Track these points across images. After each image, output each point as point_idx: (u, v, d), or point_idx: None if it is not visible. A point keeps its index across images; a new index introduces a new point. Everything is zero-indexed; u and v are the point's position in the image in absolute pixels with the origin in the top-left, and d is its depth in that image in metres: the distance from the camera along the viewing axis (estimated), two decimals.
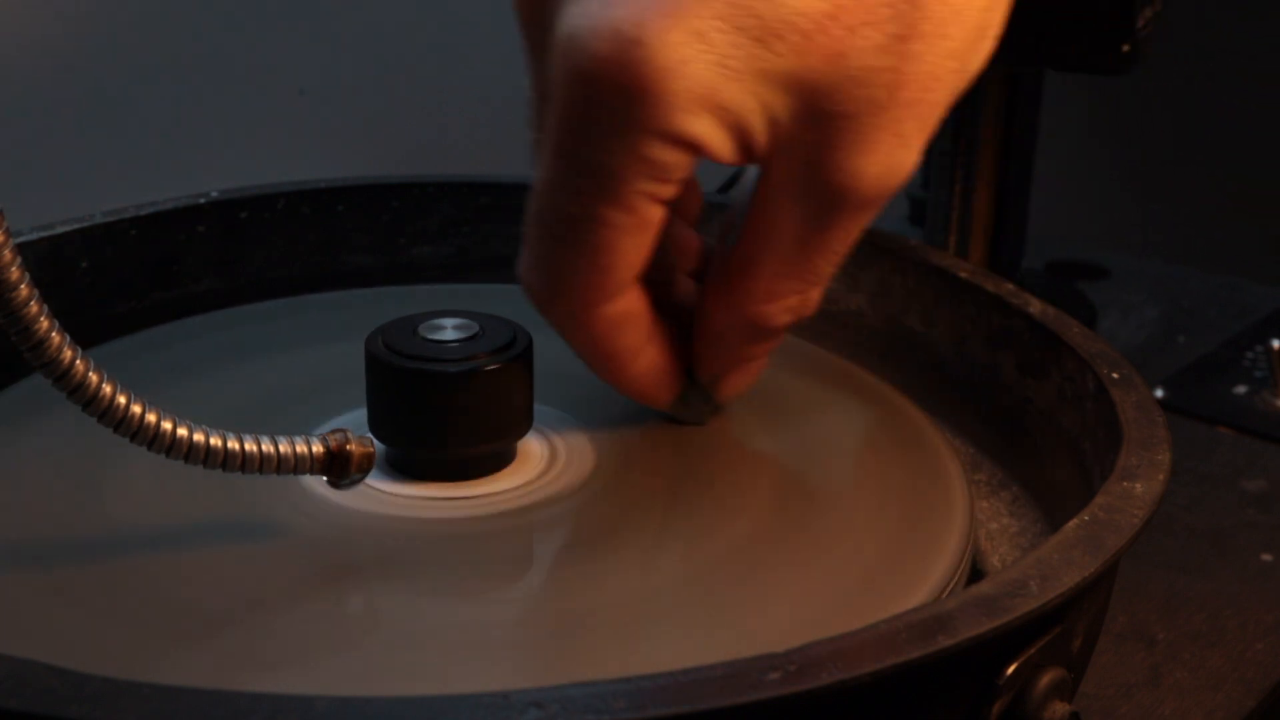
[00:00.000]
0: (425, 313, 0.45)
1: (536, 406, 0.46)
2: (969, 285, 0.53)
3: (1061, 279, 0.82)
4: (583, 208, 0.41)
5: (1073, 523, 0.38)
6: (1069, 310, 0.51)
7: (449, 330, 0.45)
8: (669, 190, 0.41)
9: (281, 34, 0.74)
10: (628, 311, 0.44)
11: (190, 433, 0.38)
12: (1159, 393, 0.69)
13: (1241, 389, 0.69)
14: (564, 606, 0.40)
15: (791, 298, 0.44)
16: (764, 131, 0.40)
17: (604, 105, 0.39)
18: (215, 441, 0.39)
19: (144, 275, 0.57)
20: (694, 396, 0.47)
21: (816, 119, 0.40)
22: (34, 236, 0.54)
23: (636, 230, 0.41)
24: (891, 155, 0.40)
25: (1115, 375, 0.46)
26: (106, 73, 0.68)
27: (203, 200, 0.58)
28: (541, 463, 0.46)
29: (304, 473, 0.40)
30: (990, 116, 0.67)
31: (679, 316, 0.47)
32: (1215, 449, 0.64)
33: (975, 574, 0.46)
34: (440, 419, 0.44)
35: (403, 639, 0.39)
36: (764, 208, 0.42)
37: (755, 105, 0.39)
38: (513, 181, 0.62)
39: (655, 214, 0.41)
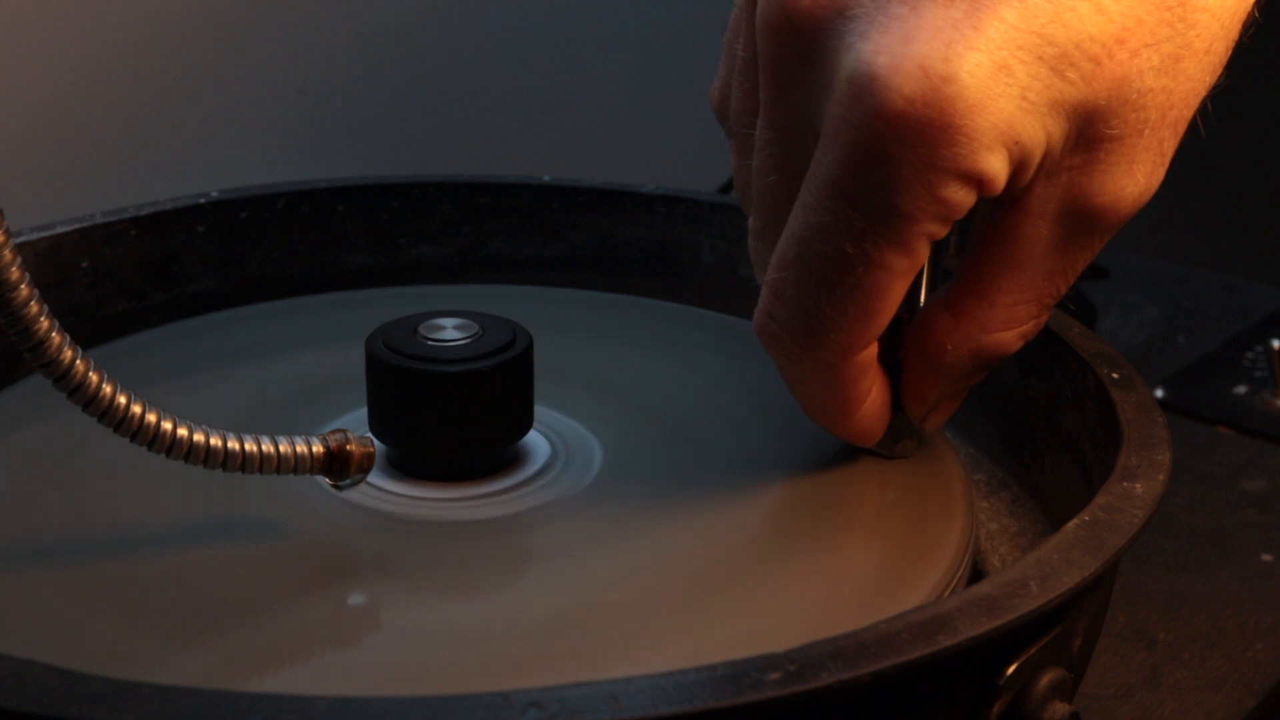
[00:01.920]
0: (425, 313, 0.45)
1: (537, 406, 0.46)
2: None
3: None
4: (862, 251, 0.39)
5: (1073, 523, 0.38)
6: (1069, 310, 0.51)
7: (449, 330, 0.45)
8: (946, 229, 0.39)
9: (281, 34, 0.74)
10: (871, 356, 0.42)
11: (190, 433, 0.38)
12: (1159, 393, 0.69)
13: (1241, 389, 0.69)
14: (564, 607, 0.40)
15: (1028, 323, 0.43)
16: (1038, 161, 0.39)
17: (907, 145, 0.37)
18: (215, 441, 0.39)
19: (144, 275, 0.57)
20: (902, 430, 0.46)
21: (1087, 144, 0.39)
22: (34, 236, 0.54)
23: (909, 272, 0.40)
24: (1152, 174, 0.40)
25: (1115, 375, 0.46)
26: (106, 72, 0.68)
27: (203, 200, 0.58)
28: (542, 463, 0.46)
29: (304, 473, 0.40)
30: None
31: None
32: (1215, 449, 0.64)
33: (975, 574, 0.46)
34: (440, 419, 0.44)
35: (403, 639, 0.39)
36: (1014, 235, 0.41)
37: (1043, 137, 0.38)
38: (513, 181, 0.62)
39: (926, 254, 0.40)
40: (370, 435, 0.44)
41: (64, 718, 0.30)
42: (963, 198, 0.38)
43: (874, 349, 0.42)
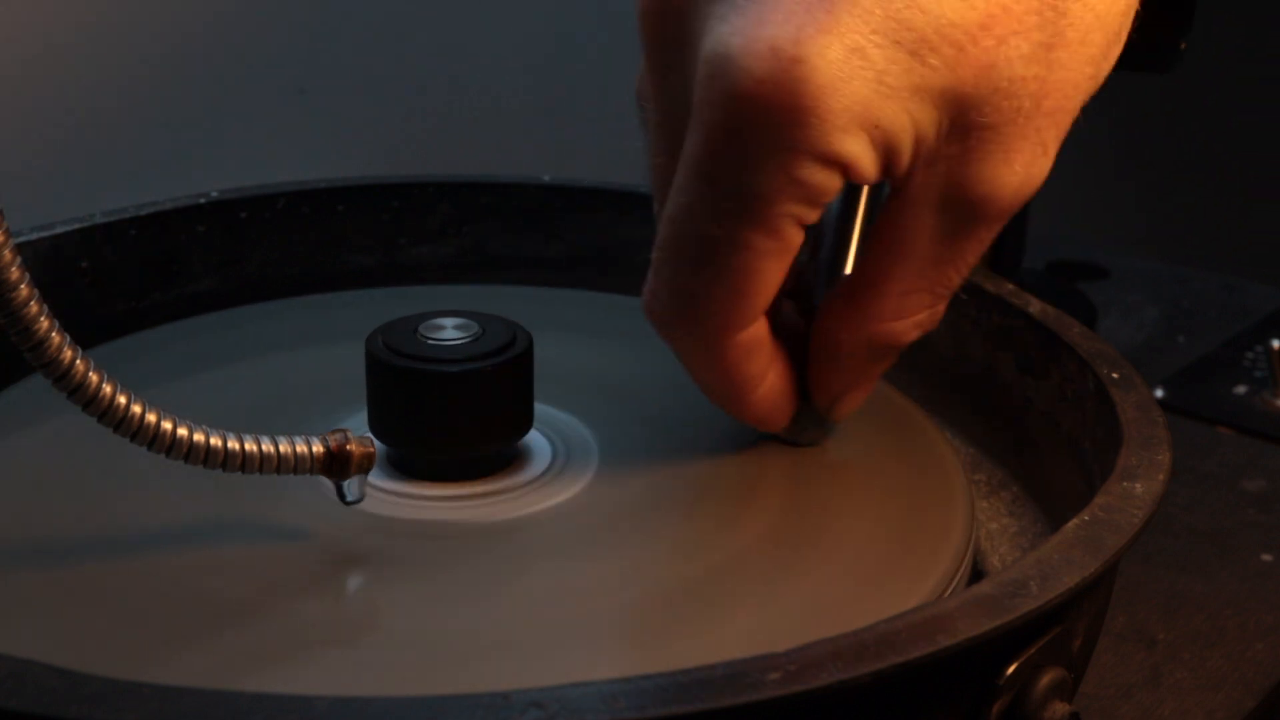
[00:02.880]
0: (425, 313, 0.45)
1: (537, 406, 0.46)
2: (969, 285, 0.53)
3: (1061, 279, 0.82)
4: (726, 231, 0.39)
5: (1073, 523, 0.38)
6: (1069, 310, 0.51)
7: (449, 330, 0.45)
8: (815, 213, 0.39)
9: (281, 34, 0.74)
10: (757, 337, 0.43)
11: (190, 433, 0.38)
12: (1159, 393, 0.69)
13: (1241, 389, 0.69)
14: (564, 607, 0.40)
15: (921, 313, 0.43)
16: (910, 148, 0.39)
17: (758, 126, 0.37)
18: (215, 441, 0.39)
19: (144, 275, 0.57)
20: (808, 418, 0.46)
21: (961, 132, 0.39)
22: (34, 236, 0.54)
23: (779, 254, 0.40)
24: (1032, 164, 0.40)
25: (1115, 375, 0.46)
26: (106, 72, 0.68)
27: (203, 200, 0.58)
28: (542, 463, 0.46)
29: (304, 473, 0.40)
30: None
31: (785, 338, 0.46)
32: (1215, 449, 0.64)
33: (975, 574, 0.46)
34: (440, 419, 0.44)
35: (403, 639, 0.39)
36: (898, 223, 0.41)
37: (907, 122, 0.38)
38: (513, 181, 0.62)
39: (797, 237, 0.40)
40: (370, 435, 0.44)
41: (64, 718, 0.30)
42: (822, 180, 0.38)
43: (762, 331, 0.43)
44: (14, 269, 0.35)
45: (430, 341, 0.44)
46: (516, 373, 0.45)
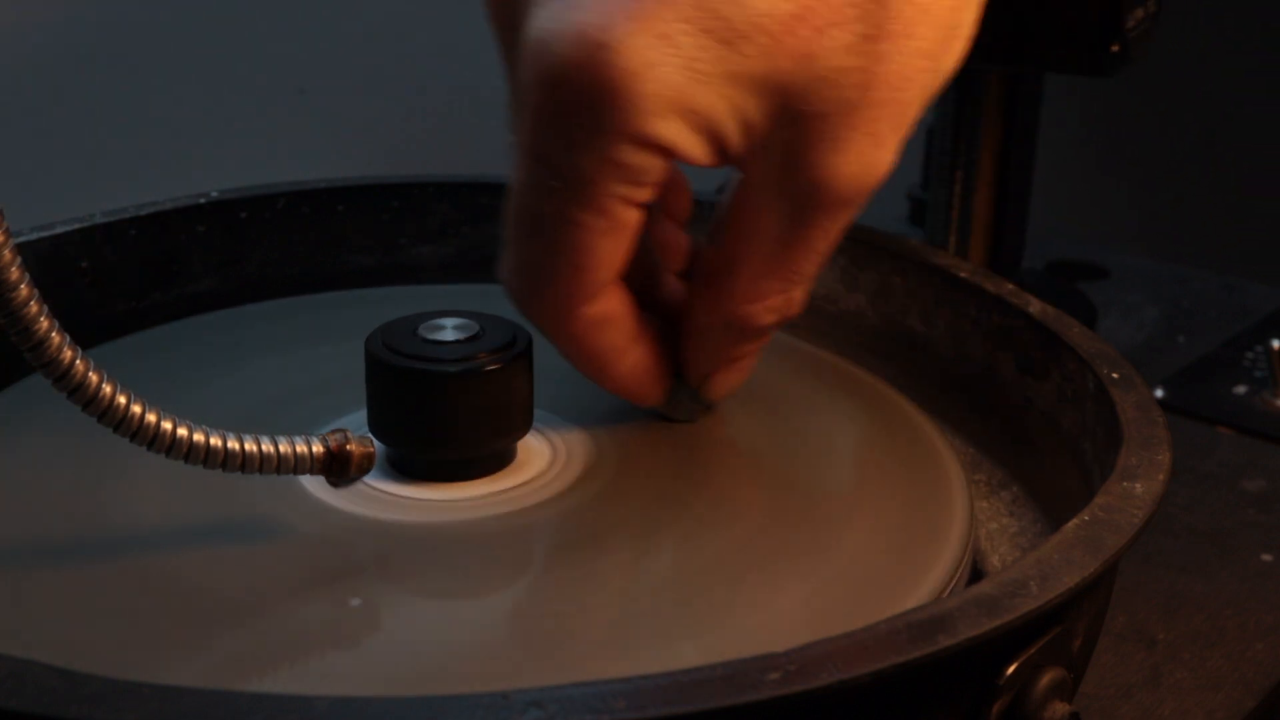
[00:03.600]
0: (425, 313, 0.45)
1: (536, 406, 0.46)
2: (969, 285, 0.53)
3: (1061, 279, 0.82)
4: (556, 209, 0.41)
5: (1073, 523, 0.38)
6: (1069, 310, 0.51)
7: (449, 330, 0.45)
8: (644, 193, 0.41)
9: (281, 34, 0.74)
10: (608, 312, 0.44)
11: (190, 433, 0.38)
12: (1159, 393, 0.69)
13: (1241, 389, 0.69)
14: (564, 606, 0.40)
15: (774, 298, 0.44)
16: (738, 133, 0.40)
17: (572, 108, 0.39)
18: (215, 441, 0.39)
19: (144, 275, 0.57)
20: (683, 395, 0.48)
21: (790, 119, 0.40)
22: (34, 236, 0.54)
23: (611, 232, 0.41)
24: (866, 154, 0.41)
25: (1115, 375, 0.46)
26: (107, 72, 0.68)
27: (203, 200, 0.58)
28: (541, 463, 0.46)
29: (304, 473, 0.40)
30: (990, 116, 0.67)
31: (668, 316, 0.47)
32: (1215, 449, 0.64)
33: (975, 574, 0.46)
34: (440, 419, 0.44)
35: (403, 639, 0.39)
36: (743, 208, 0.43)
37: (726, 108, 0.39)
38: None
39: (630, 216, 0.41)
40: (370, 435, 0.44)
41: (64, 718, 0.30)
42: (643, 161, 0.40)
43: (614, 306, 0.44)
44: (14, 269, 0.35)
45: (430, 341, 0.44)
46: (516, 373, 0.45)
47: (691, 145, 0.40)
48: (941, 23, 0.40)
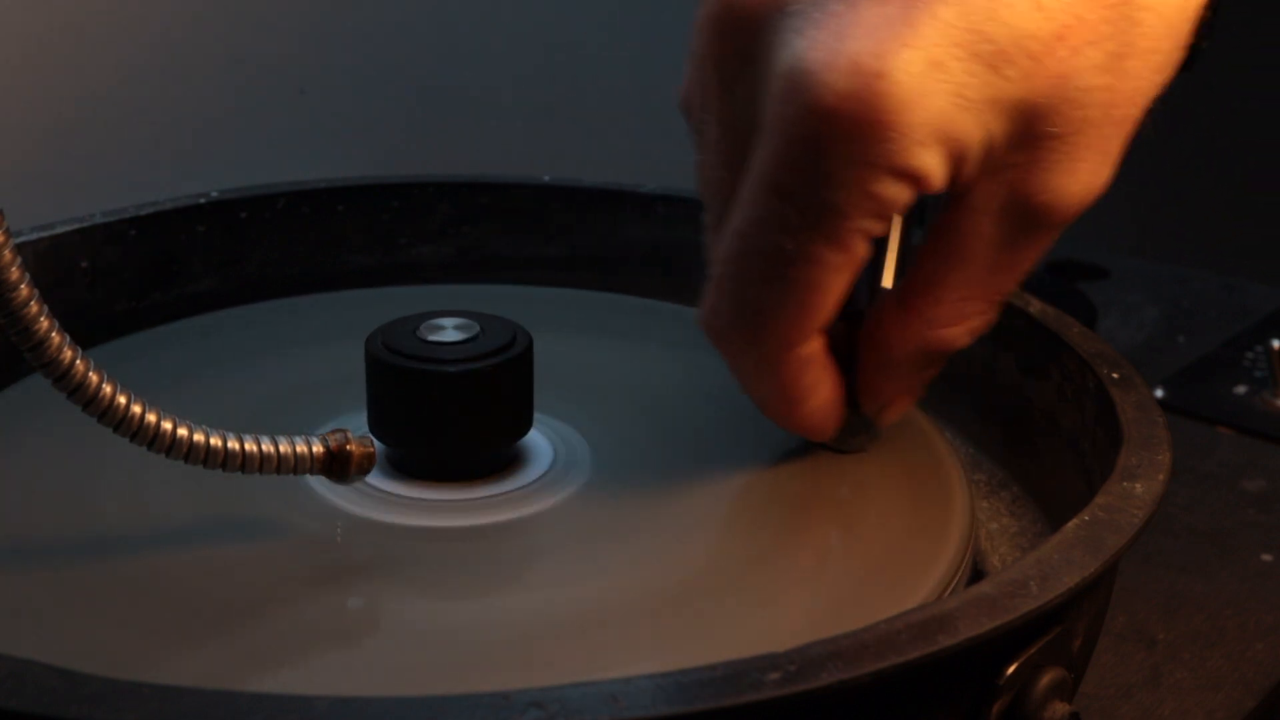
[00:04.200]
0: (425, 313, 0.45)
1: (536, 407, 0.46)
2: None
3: (1061, 279, 0.82)
4: (798, 246, 0.39)
5: (1073, 523, 0.38)
6: (1069, 310, 0.51)
7: (449, 330, 0.45)
8: (883, 226, 0.39)
9: (281, 34, 0.74)
10: (814, 351, 0.43)
11: (190, 433, 0.38)
12: (1159, 393, 0.69)
13: (1241, 389, 0.69)
14: (563, 607, 0.40)
15: (977, 319, 0.43)
16: (978, 158, 0.39)
17: (838, 141, 0.37)
18: (215, 441, 0.39)
19: (144, 275, 0.57)
20: (856, 426, 0.46)
21: (1029, 141, 0.39)
22: (34, 236, 0.54)
23: (847, 268, 0.40)
24: (1095, 173, 0.40)
25: (1115, 375, 0.46)
26: (107, 73, 0.68)
27: (203, 200, 0.58)
28: (542, 463, 0.46)
29: (304, 473, 0.40)
30: None
31: (830, 345, 0.45)
32: (1215, 449, 0.64)
33: (975, 574, 0.46)
34: (440, 419, 0.44)
35: (403, 639, 0.39)
36: (958, 230, 0.41)
37: (981, 134, 0.38)
38: (513, 181, 0.62)
39: (865, 251, 0.40)
40: (370, 435, 0.44)
41: (64, 718, 0.30)
42: (897, 194, 0.38)
43: (819, 343, 0.43)
44: (14, 269, 0.35)
45: (430, 341, 0.44)
46: (516, 373, 0.45)
47: (941, 174, 0.38)
48: (1180, 35, 0.39)
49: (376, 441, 0.43)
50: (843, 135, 0.37)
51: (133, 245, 0.56)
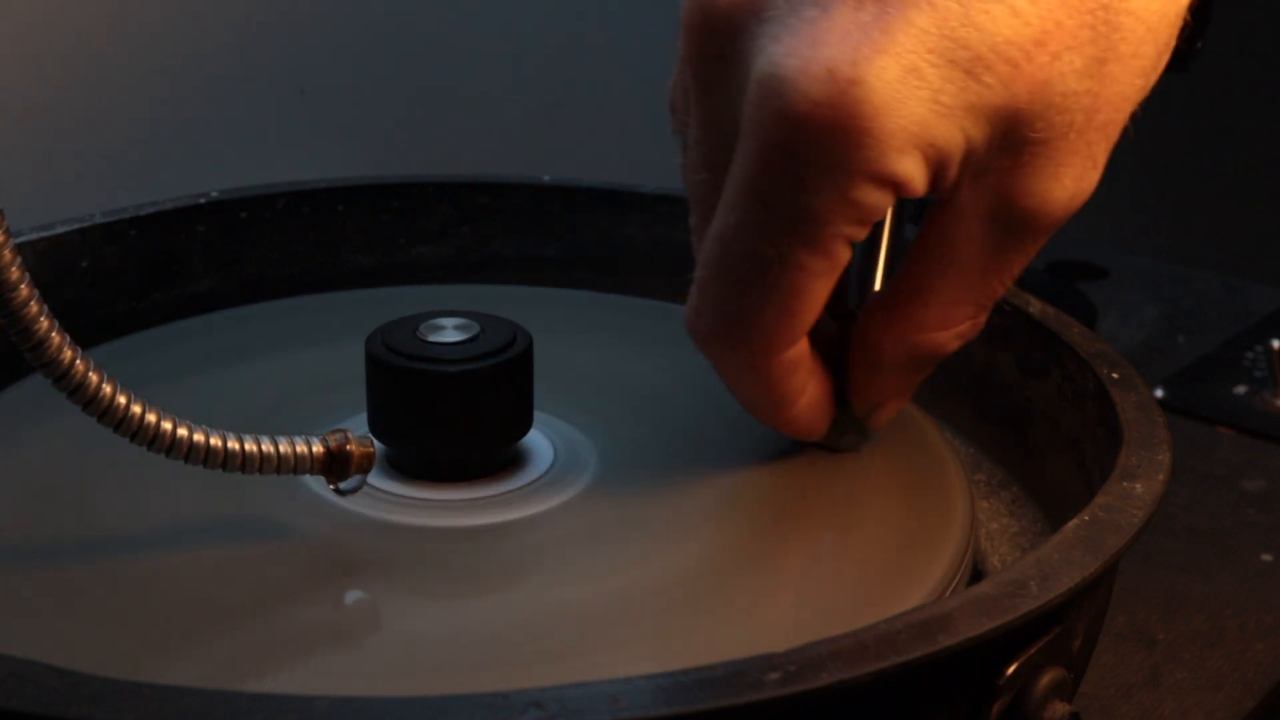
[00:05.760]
0: (425, 313, 0.45)
1: (536, 407, 0.46)
2: None
3: (1061, 279, 0.82)
4: (778, 251, 0.39)
5: (1073, 523, 0.38)
6: (1069, 310, 0.51)
7: (449, 330, 0.45)
8: (864, 232, 0.39)
9: (281, 34, 0.74)
10: (800, 354, 0.43)
11: (190, 433, 0.38)
12: (1159, 393, 0.69)
13: (1241, 389, 0.69)
14: (564, 607, 0.40)
15: (965, 323, 0.43)
16: (959, 163, 0.39)
17: (814, 147, 0.37)
18: (215, 441, 0.39)
19: (144, 275, 0.57)
20: (847, 425, 0.46)
21: (1012, 146, 0.39)
22: (34, 236, 0.54)
23: (828, 273, 0.40)
24: (1081, 178, 0.40)
25: (1115, 375, 0.46)
26: (106, 72, 0.68)
27: (203, 200, 0.58)
28: (542, 464, 0.46)
29: (304, 473, 0.40)
30: None
31: (819, 345, 0.45)
32: (1215, 449, 0.64)
33: (975, 574, 0.46)
34: (440, 419, 0.44)
35: (403, 639, 0.39)
36: (945, 234, 0.41)
37: (960, 140, 0.38)
38: (513, 181, 0.62)
39: (846, 255, 0.40)
40: (370, 435, 0.44)
41: (64, 718, 0.30)
42: (876, 200, 0.38)
43: (804, 346, 0.43)
44: (14, 269, 0.35)
45: (430, 341, 0.44)
46: (516, 373, 0.45)
47: (920, 179, 0.38)
48: (1162, 40, 0.39)
49: (376, 441, 0.43)
50: (819, 142, 0.37)
51: (132, 245, 0.56)
